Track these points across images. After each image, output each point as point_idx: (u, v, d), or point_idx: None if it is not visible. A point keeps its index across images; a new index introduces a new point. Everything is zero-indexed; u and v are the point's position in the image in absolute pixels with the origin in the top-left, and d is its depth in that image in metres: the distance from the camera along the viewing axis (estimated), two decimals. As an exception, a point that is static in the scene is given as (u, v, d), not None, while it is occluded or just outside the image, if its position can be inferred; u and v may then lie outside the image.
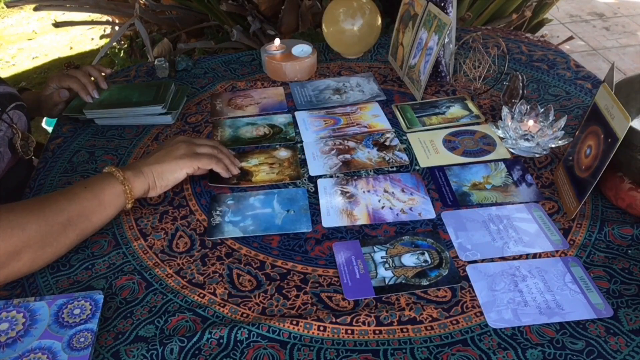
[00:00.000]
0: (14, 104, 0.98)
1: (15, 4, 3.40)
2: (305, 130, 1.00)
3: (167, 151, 0.83)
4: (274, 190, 0.86)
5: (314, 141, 0.97)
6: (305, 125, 1.01)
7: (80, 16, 2.78)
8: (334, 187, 0.86)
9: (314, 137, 0.98)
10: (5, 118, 0.93)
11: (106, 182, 0.76)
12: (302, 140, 0.97)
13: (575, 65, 1.17)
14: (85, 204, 0.73)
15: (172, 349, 0.62)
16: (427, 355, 0.61)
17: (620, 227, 0.75)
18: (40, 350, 0.61)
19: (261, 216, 0.81)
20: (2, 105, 0.95)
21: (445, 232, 0.77)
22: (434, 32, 1.02)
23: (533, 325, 0.63)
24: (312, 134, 0.99)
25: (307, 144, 0.96)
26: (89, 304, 0.65)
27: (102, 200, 0.75)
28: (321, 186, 0.86)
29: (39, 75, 3.04)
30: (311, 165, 0.91)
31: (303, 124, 1.02)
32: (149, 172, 0.80)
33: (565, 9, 3.33)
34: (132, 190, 0.78)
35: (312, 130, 1.00)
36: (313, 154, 0.93)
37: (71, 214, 0.71)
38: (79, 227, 0.72)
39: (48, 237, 0.69)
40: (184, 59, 1.23)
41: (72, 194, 0.73)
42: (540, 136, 0.89)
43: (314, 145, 0.96)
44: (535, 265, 0.71)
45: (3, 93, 0.97)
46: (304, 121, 1.02)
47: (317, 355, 0.61)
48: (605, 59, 2.83)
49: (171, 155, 0.82)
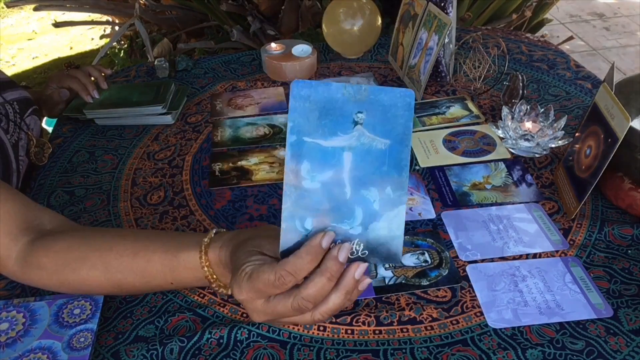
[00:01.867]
0: (31, 109, 0.97)
1: (15, 4, 3.40)
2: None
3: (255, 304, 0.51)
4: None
5: (314, 141, 0.97)
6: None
7: (80, 16, 2.77)
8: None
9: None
10: (23, 126, 0.93)
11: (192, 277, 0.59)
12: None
13: (575, 65, 1.17)
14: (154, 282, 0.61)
15: (172, 349, 0.62)
16: (427, 355, 0.61)
17: (620, 227, 0.75)
18: (40, 350, 0.61)
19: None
20: (21, 111, 0.94)
21: (445, 232, 0.77)
22: (434, 32, 1.02)
23: (533, 325, 0.63)
24: (312, 134, 0.98)
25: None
26: (89, 303, 0.65)
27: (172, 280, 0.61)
28: (321, 186, 0.86)
29: (39, 75, 3.04)
30: (311, 165, 0.91)
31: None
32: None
33: (565, 9, 3.33)
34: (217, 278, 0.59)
35: (312, 130, 0.99)
36: (313, 154, 0.93)
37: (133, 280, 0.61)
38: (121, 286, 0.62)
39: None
40: (184, 59, 1.23)
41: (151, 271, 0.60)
42: (540, 136, 0.89)
43: (314, 145, 0.95)
44: (535, 265, 0.71)
45: (20, 98, 0.95)
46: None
47: (317, 355, 0.61)
48: (605, 59, 2.83)
49: (248, 307, 0.51)
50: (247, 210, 0.83)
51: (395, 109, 0.45)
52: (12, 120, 0.90)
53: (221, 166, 0.92)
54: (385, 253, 0.47)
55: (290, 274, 0.45)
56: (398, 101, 0.44)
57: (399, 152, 0.45)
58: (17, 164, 0.89)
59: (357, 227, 0.46)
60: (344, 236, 0.46)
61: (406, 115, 0.45)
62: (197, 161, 0.94)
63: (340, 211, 0.46)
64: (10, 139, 0.89)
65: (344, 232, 0.46)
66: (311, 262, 0.45)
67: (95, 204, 0.86)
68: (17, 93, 0.95)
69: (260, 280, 0.46)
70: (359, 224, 0.46)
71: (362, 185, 0.46)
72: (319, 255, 0.45)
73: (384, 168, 0.45)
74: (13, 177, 0.87)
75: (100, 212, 0.84)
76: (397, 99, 0.44)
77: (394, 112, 0.45)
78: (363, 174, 0.45)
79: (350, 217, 0.46)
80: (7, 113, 0.90)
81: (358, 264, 0.47)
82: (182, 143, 0.99)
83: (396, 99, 0.44)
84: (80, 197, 0.87)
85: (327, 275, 0.45)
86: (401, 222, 0.46)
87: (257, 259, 0.49)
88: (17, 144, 0.91)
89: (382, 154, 0.45)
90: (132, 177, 0.91)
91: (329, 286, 0.46)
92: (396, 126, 0.45)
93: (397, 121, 0.45)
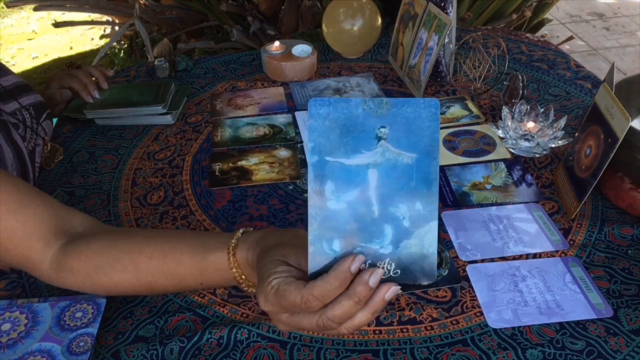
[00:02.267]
0: (45, 114, 0.96)
1: (15, 4, 3.40)
2: (305, 130, 1.00)
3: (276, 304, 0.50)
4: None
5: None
6: (305, 125, 1.01)
7: (80, 16, 2.77)
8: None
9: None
10: (40, 131, 0.92)
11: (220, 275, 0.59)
12: (302, 140, 0.97)
13: (575, 65, 1.17)
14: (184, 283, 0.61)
15: (172, 349, 0.62)
16: (427, 355, 0.61)
17: (620, 227, 0.75)
18: (40, 352, 0.60)
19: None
20: (37, 117, 0.93)
21: (445, 232, 0.77)
22: (434, 32, 1.02)
23: (533, 325, 0.63)
24: (312, 134, 0.98)
25: (307, 144, 0.96)
26: (91, 307, 0.65)
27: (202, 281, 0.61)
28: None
29: (39, 75, 3.04)
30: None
31: (303, 124, 1.02)
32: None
33: (565, 9, 3.33)
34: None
35: (312, 131, 0.99)
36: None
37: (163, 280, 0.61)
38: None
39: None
40: (184, 59, 1.23)
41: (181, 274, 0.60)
42: (540, 136, 0.89)
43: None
44: (535, 265, 0.71)
45: (36, 103, 0.94)
46: (304, 121, 1.02)
47: (317, 355, 0.61)
48: (605, 59, 2.82)
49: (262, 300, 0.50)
50: (247, 211, 0.83)
51: (420, 121, 0.43)
52: (29, 126, 0.89)
53: (221, 166, 0.92)
54: (419, 271, 0.45)
55: (317, 298, 0.44)
56: (422, 112, 0.43)
57: (427, 166, 0.43)
58: (33, 172, 0.88)
59: (387, 246, 0.44)
60: (374, 256, 0.45)
61: (432, 127, 0.42)
62: (197, 161, 0.94)
63: (369, 230, 0.44)
64: (28, 145, 0.88)
65: (374, 252, 0.45)
66: (339, 287, 0.44)
67: (96, 204, 0.86)
68: (32, 97, 0.94)
69: (286, 299, 0.45)
70: (389, 243, 0.44)
71: (390, 202, 0.44)
72: (347, 280, 0.44)
73: (412, 183, 0.43)
74: (30, 184, 0.87)
75: (100, 212, 0.84)
76: (421, 109, 0.43)
77: (418, 124, 0.43)
78: (390, 191, 0.44)
79: (380, 236, 0.44)
80: (24, 119, 0.89)
81: (389, 287, 0.45)
82: (182, 143, 0.99)
83: (420, 109, 0.43)
84: (81, 197, 0.87)
85: (355, 300, 0.44)
86: (434, 239, 0.44)
87: (283, 270, 0.48)
88: (34, 151, 0.90)
89: (409, 169, 0.43)
90: (132, 177, 0.91)
91: (356, 309, 0.45)
92: (422, 138, 0.43)
93: (422, 133, 0.43)
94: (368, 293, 0.44)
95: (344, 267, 0.43)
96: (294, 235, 0.53)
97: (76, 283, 0.63)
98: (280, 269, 0.48)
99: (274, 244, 0.52)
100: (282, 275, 0.47)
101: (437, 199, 0.44)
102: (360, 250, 0.44)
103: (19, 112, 0.89)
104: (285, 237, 0.53)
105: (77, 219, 0.66)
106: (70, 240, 0.63)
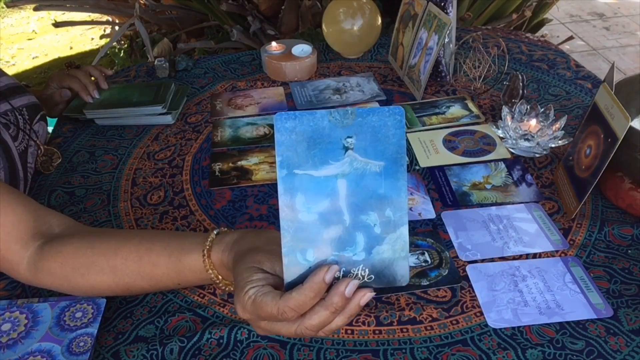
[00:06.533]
0: (39, 115, 0.96)
1: (15, 4, 3.40)
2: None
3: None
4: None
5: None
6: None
7: (80, 16, 2.77)
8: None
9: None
10: (32, 135, 0.91)
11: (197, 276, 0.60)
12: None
13: (575, 65, 1.17)
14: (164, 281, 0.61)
15: (172, 349, 0.62)
16: (427, 355, 0.61)
17: (620, 227, 0.75)
18: (40, 353, 0.60)
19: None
20: (30, 118, 0.92)
21: (445, 232, 0.77)
22: (434, 32, 1.02)
23: (533, 325, 0.63)
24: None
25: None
26: (91, 307, 0.65)
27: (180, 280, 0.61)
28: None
29: (39, 75, 3.04)
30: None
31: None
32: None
33: (565, 9, 3.33)
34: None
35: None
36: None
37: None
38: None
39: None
40: (184, 59, 1.23)
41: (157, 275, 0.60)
42: (540, 136, 0.89)
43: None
44: (535, 265, 0.71)
45: (29, 104, 0.94)
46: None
47: (317, 355, 0.61)
48: (605, 59, 2.82)
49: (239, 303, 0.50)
50: (247, 210, 0.83)
51: (386, 129, 0.43)
52: (21, 128, 0.89)
53: (221, 166, 0.92)
54: (392, 276, 0.46)
55: (293, 310, 0.45)
56: (388, 120, 0.43)
57: (395, 172, 0.44)
58: (24, 172, 0.88)
59: (360, 253, 0.45)
60: (348, 263, 0.46)
61: (398, 134, 0.43)
62: (197, 161, 0.94)
63: (341, 239, 0.45)
64: (19, 146, 0.87)
65: (347, 260, 0.45)
66: (314, 298, 0.45)
67: (96, 204, 0.86)
68: (26, 99, 0.94)
69: (263, 310, 0.46)
70: (361, 250, 0.45)
71: (361, 210, 0.45)
72: (322, 290, 0.45)
73: (381, 191, 0.44)
74: (20, 185, 0.86)
75: (100, 212, 0.84)
76: (386, 118, 0.43)
77: (384, 132, 0.43)
78: (360, 200, 0.44)
79: (352, 244, 0.45)
80: (16, 121, 0.89)
81: (364, 293, 0.45)
82: (182, 143, 0.99)
83: (385, 118, 0.43)
84: (81, 197, 0.87)
85: (332, 310, 0.45)
86: (405, 244, 0.45)
87: (259, 278, 0.48)
88: (25, 151, 0.89)
89: (378, 177, 0.44)
90: (132, 177, 0.91)
91: (333, 318, 0.46)
92: (389, 146, 0.43)
93: (389, 141, 0.43)
94: (344, 303, 0.45)
95: (318, 278, 0.44)
96: (267, 240, 0.53)
97: (53, 284, 0.63)
98: (256, 277, 0.48)
99: (248, 248, 0.52)
100: (258, 284, 0.47)
101: (407, 205, 0.45)
102: (334, 259, 0.45)
103: (11, 112, 0.89)
104: (259, 241, 0.53)
105: (54, 219, 0.66)
106: (47, 241, 0.62)
